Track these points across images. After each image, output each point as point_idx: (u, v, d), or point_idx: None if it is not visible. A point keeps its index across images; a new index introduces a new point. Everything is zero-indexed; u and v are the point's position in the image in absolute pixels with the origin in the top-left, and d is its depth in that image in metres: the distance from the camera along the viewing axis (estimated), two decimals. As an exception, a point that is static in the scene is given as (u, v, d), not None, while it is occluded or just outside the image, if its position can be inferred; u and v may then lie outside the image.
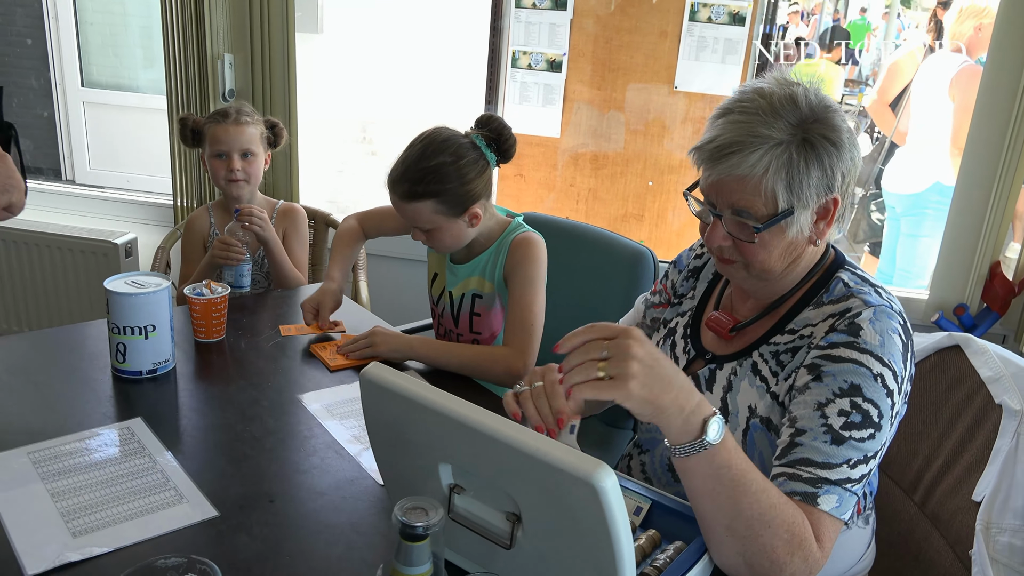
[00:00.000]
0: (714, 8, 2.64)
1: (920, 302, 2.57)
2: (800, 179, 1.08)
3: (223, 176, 2.17)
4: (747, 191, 1.09)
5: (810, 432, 1.07)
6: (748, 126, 1.08)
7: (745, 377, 1.20)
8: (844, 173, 1.12)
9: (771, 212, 1.10)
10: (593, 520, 0.81)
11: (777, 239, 1.13)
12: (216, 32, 2.60)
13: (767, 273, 1.17)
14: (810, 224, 1.14)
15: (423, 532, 0.82)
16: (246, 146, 2.16)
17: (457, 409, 0.90)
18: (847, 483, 1.05)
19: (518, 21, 2.82)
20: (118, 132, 4.98)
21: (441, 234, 1.69)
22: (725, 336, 1.25)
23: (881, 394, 1.07)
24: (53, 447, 1.27)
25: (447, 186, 1.63)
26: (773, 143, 1.07)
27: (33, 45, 5.09)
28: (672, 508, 1.09)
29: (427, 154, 1.63)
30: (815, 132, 1.09)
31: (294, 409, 1.46)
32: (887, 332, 1.10)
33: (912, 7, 14.17)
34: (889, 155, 3.57)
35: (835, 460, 1.05)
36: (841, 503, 1.04)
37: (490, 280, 1.79)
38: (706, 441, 0.96)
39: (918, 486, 1.47)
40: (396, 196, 1.66)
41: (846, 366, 1.08)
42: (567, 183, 2.95)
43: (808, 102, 1.10)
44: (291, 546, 1.09)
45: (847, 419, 1.06)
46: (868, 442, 1.06)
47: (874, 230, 3.76)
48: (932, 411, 1.50)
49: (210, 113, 2.23)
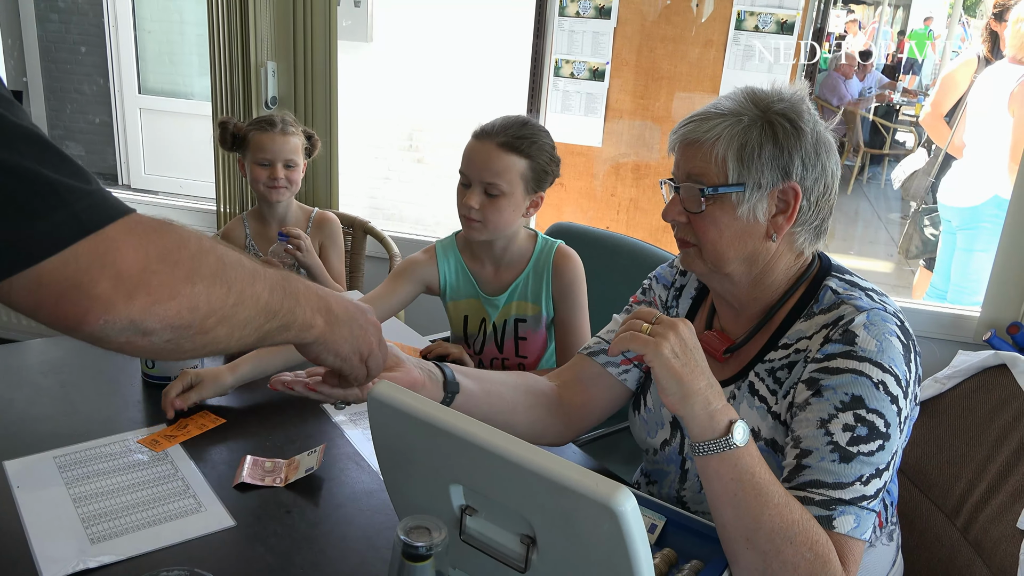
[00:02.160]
0: (761, 17, 2.59)
1: (972, 319, 2.48)
2: (751, 152, 1.09)
3: (264, 182, 2.20)
4: (700, 157, 1.11)
5: (816, 452, 1.03)
6: (719, 103, 1.13)
7: (744, 400, 1.16)
8: (804, 163, 1.10)
9: (721, 182, 1.11)
10: (612, 544, 0.79)
11: (727, 216, 1.11)
12: (260, 40, 2.64)
13: (719, 260, 1.14)
14: (765, 212, 1.12)
15: (425, 552, 0.80)
16: (290, 156, 2.20)
17: (468, 429, 0.88)
18: (862, 501, 1.01)
19: (561, 30, 2.80)
20: (172, 138, 5.11)
21: (505, 203, 1.62)
22: (719, 358, 1.21)
23: (885, 402, 1.03)
24: (79, 451, 1.29)
25: (540, 157, 1.64)
26: (734, 115, 1.11)
27: (87, 53, 5.24)
28: (688, 526, 1.06)
29: (529, 124, 1.65)
30: (776, 113, 1.11)
31: (318, 419, 1.45)
32: (884, 336, 1.06)
33: (977, 15, 13.82)
34: (944, 168, 3.46)
35: (846, 479, 1.01)
36: (859, 522, 1.01)
37: (535, 302, 1.75)
38: (731, 441, 0.97)
39: (960, 511, 1.41)
40: (492, 143, 1.61)
41: (845, 377, 1.04)
42: (608, 193, 2.91)
43: (779, 92, 1.13)
44: (304, 558, 1.08)
45: (852, 434, 1.02)
46: (878, 454, 1.02)
47: (928, 245, 3.65)
48: (976, 433, 1.44)
49: (254, 120, 2.26)
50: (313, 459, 1.27)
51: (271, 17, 2.65)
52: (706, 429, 0.98)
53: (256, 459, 1.29)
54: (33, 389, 1.48)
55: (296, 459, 1.29)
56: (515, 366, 1.80)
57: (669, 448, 1.26)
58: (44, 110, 5.44)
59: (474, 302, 1.81)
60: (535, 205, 1.68)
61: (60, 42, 5.26)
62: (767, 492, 0.97)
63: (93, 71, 5.25)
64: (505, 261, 1.76)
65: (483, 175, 1.62)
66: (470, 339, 1.85)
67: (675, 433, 1.25)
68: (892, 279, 5.47)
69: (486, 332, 1.81)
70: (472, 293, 1.80)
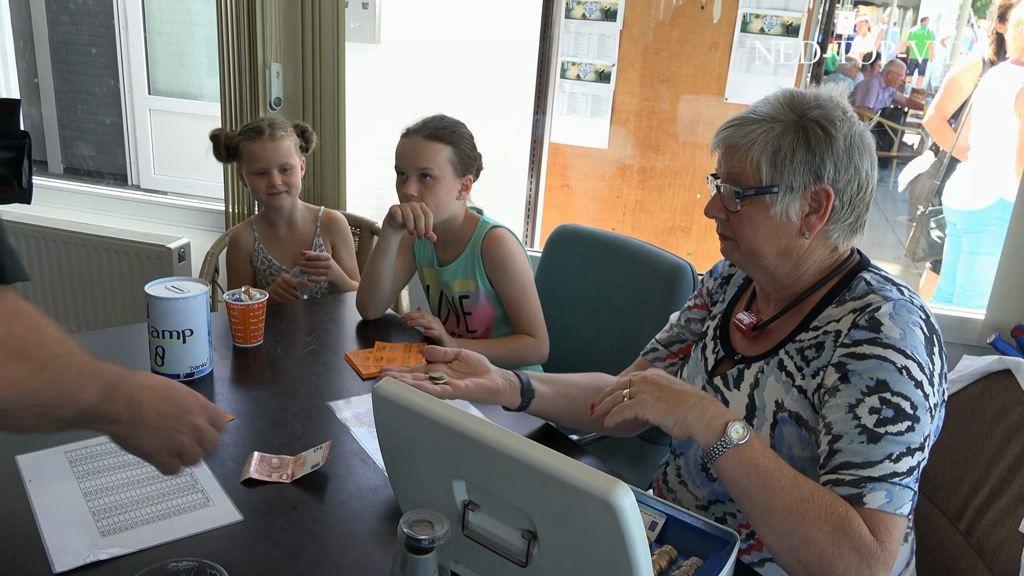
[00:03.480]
0: (767, 19, 2.60)
1: (976, 322, 2.48)
2: (784, 157, 1.15)
3: (264, 191, 2.19)
4: (737, 160, 1.19)
5: (846, 436, 1.08)
6: (758, 107, 1.20)
7: (772, 374, 1.22)
8: (836, 166, 1.16)
9: (756, 184, 1.17)
10: (610, 539, 0.80)
11: (762, 216, 1.18)
12: (268, 41, 2.66)
13: (755, 255, 1.22)
14: (798, 211, 1.18)
15: (428, 545, 0.82)
16: (284, 160, 2.19)
17: (471, 426, 0.89)
18: (893, 477, 1.05)
19: (568, 32, 2.82)
20: (182, 139, 5.13)
21: (439, 187, 1.83)
22: (748, 335, 1.29)
23: (909, 386, 1.08)
24: (90, 447, 1.31)
25: (461, 144, 1.86)
26: (770, 120, 1.17)
27: (98, 54, 5.28)
28: (688, 523, 1.07)
29: (447, 117, 1.89)
30: (809, 118, 1.16)
31: (324, 416, 1.47)
32: (908, 325, 1.10)
33: (987, 17, 13.76)
34: (949, 171, 3.46)
35: (875, 457, 1.05)
36: (892, 498, 1.04)
37: (473, 279, 1.94)
38: (728, 439, 1.07)
39: (963, 514, 1.42)
40: (417, 137, 1.84)
41: (870, 363, 1.09)
42: (614, 194, 2.93)
43: (816, 97, 1.18)
44: (309, 552, 1.10)
45: (879, 416, 1.07)
46: (908, 434, 1.06)
47: (934, 248, 3.64)
48: (980, 437, 1.45)
49: (242, 129, 2.24)
50: (319, 455, 1.28)
51: (280, 19, 2.67)
52: (708, 436, 1.09)
53: (263, 455, 1.31)
54: (44, 386, 1.50)
55: (303, 455, 1.31)
56: (469, 340, 1.95)
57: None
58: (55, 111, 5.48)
59: (432, 272, 2.00)
60: (466, 188, 1.90)
61: (71, 43, 5.30)
62: (773, 477, 1.05)
63: (103, 72, 5.29)
64: (450, 240, 1.95)
65: (416, 163, 1.83)
66: (434, 308, 2.05)
67: None
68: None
69: (445, 303, 2.01)
70: (431, 263, 2.01)
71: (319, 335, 1.86)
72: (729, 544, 1.03)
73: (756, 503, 1.06)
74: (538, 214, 3.02)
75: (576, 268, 2.10)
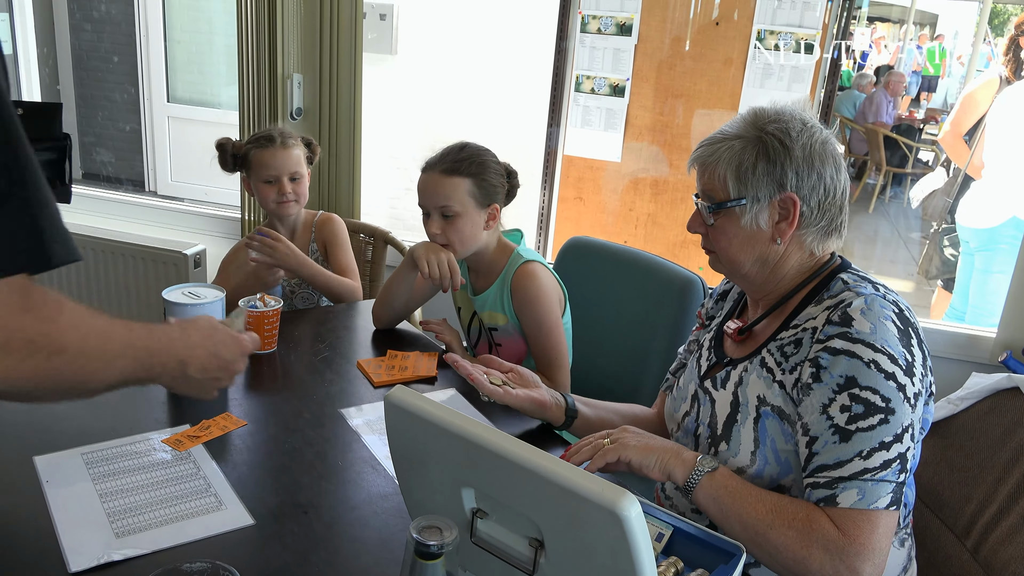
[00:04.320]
0: (782, 35, 2.61)
1: (988, 340, 2.48)
2: (747, 170, 1.22)
3: (273, 200, 2.19)
4: (708, 176, 1.27)
5: (820, 438, 1.13)
6: (726, 127, 1.28)
7: (754, 371, 1.27)
8: (798, 174, 1.22)
9: (724, 198, 1.25)
10: (617, 549, 0.81)
11: (733, 227, 1.26)
12: (287, 52, 2.69)
13: (734, 264, 1.29)
14: (768, 220, 1.24)
15: (437, 551, 0.83)
16: (294, 169, 2.18)
17: (480, 434, 0.91)
18: (864, 474, 1.10)
19: (583, 46, 2.84)
20: (199, 146, 5.18)
21: (462, 222, 1.77)
22: (736, 339, 1.36)
23: (879, 379, 1.11)
24: (106, 449, 1.33)
25: (484, 174, 1.78)
26: (733, 138, 1.25)
27: (119, 62, 5.34)
28: (694, 535, 1.08)
29: (467, 147, 1.82)
30: (767, 132, 1.23)
31: (335, 423, 1.49)
32: (879, 320, 1.14)
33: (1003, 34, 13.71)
34: (963, 188, 3.45)
35: (846, 456, 1.11)
36: (864, 494, 1.09)
37: (502, 313, 1.87)
38: (701, 468, 1.19)
39: (971, 532, 1.42)
40: (436, 172, 1.78)
41: (840, 359, 1.14)
42: (626, 208, 2.94)
43: (777, 112, 1.26)
44: (320, 557, 1.11)
45: (850, 413, 1.11)
46: (880, 427, 1.10)
47: (947, 266, 3.63)
48: (987, 455, 1.45)
49: (252, 137, 2.23)
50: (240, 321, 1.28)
51: (298, 29, 2.70)
52: (684, 470, 1.20)
53: None
54: (62, 388, 1.52)
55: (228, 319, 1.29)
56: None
57: (688, 419, 1.39)
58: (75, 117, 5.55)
59: (465, 296, 1.96)
60: (492, 218, 1.82)
61: (93, 51, 5.37)
62: (740, 497, 1.16)
63: (124, 80, 5.35)
64: (481, 270, 1.90)
65: (435, 200, 1.78)
66: (464, 331, 2.00)
67: (693, 404, 1.39)
68: (911, 299, 5.43)
69: (478, 327, 1.95)
70: (464, 286, 1.94)
71: (332, 342, 1.88)
72: (735, 556, 1.03)
73: (732, 521, 1.15)
74: (551, 226, 3.04)
75: (588, 280, 2.11)
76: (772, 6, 2.60)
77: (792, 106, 1.27)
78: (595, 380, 1.98)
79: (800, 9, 2.58)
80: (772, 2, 2.60)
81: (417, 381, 1.70)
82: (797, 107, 1.27)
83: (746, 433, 1.25)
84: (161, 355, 1.03)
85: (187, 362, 1.06)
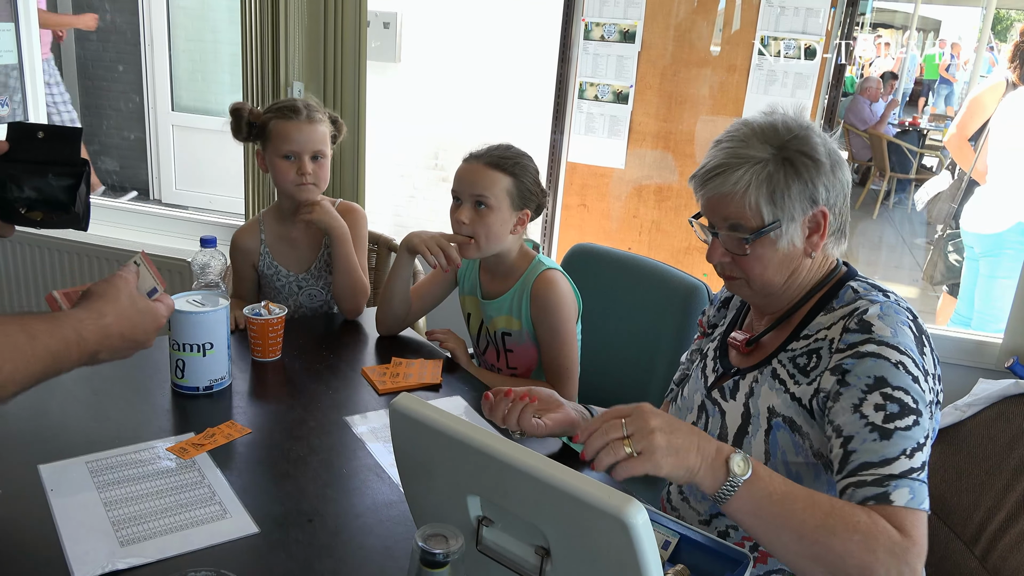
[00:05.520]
0: (785, 42, 2.61)
1: (995, 346, 2.47)
2: (782, 192, 1.18)
3: (292, 180, 1.96)
4: (733, 207, 1.20)
5: (858, 436, 1.09)
6: (733, 150, 1.20)
7: (765, 382, 1.25)
8: (827, 186, 1.20)
9: (759, 224, 1.20)
10: (623, 556, 0.80)
11: (770, 251, 1.22)
12: (291, 60, 2.70)
13: (768, 286, 1.25)
14: (801, 236, 1.22)
15: (443, 559, 0.82)
16: (318, 147, 1.96)
17: (486, 442, 0.90)
18: (912, 473, 1.06)
19: (586, 53, 2.84)
20: (203, 154, 5.20)
21: (493, 217, 1.75)
22: (743, 350, 1.33)
23: (907, 380, 1.10)
24: (110, 457, 1.33)
25: (524, 177, 1.77)
26: (754, 162, 1.19)
27: (124, 71, 5.36)
28: (701, 543, 1.08)
29: (513, 148, 1.80)
30: (792, 149, 1.19)
31: (340, 430, 1.48)
32: (897, 324, 1.13)
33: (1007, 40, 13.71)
34: (968, 192, 3.44)
35: (892, 454, 1.06)
36: (915, 493, 1.05)
37: (517, 318, 1.85)
38: (734, 477, 1.02)
39: (979, 539, 1.41)
40: (479, 163, 1.76)
41: (866, 361, 1.11)
42: (630, 214, 2.94)
43: (787, 126, 1.21)
44: (325, 565, 1.11)
45: (885, 412, 1.08)
46: (915, 429, 1.08)
47: (952, 271, 3.62)
48: (995, 462, 1.44)
49: (273, 106, 2.01)
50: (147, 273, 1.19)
51: (302, 38, 2.71)
52: (713, 479, 1.03)
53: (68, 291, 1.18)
54: (67, 397, 1.53)
55: None
56: (508, 376, 1.91)
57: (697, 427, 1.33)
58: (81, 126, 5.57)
59: (475, 301, 1.93)
60: (522, 223, 1.81)
61: (98, 60, 5.40)
62: (789, 502, 1.03)
63: (129, 89, 5.37)
64: (499, 273, 1.88)
65: (473, 189, 1.75)
66: (472, 337, 1.98)
67: (700, 415, 1.36)
68: (916, 304, 5.36)
69: (486, 334, 1.93)
70: (474, 291, 1.92)
71: (336, 350, 1.87)
72: (742, 564, 1.03)
73: (781, 535, 1.02)
74: (555, 233, 3.04)
75: (592, 288, 2.11)
76: (775, 12, 2.60)
77: (793, 115, 1.23)
78: (600, 387, 1.98)
79: (803, 16, 2.58)
80: (775, 8, 2.60)
81: (422, 389, 1.70)
82: (798, 114, 1.24)
83: (757, 445, 1.22)
84: (69, 356, 0.99)
85: (98, 351, 1.03)
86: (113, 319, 1.04)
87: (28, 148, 1.13)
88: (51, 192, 1.13)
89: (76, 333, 1.00)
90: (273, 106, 2.00)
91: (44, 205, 1.14)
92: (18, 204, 1.13)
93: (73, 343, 0.99)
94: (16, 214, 1.14)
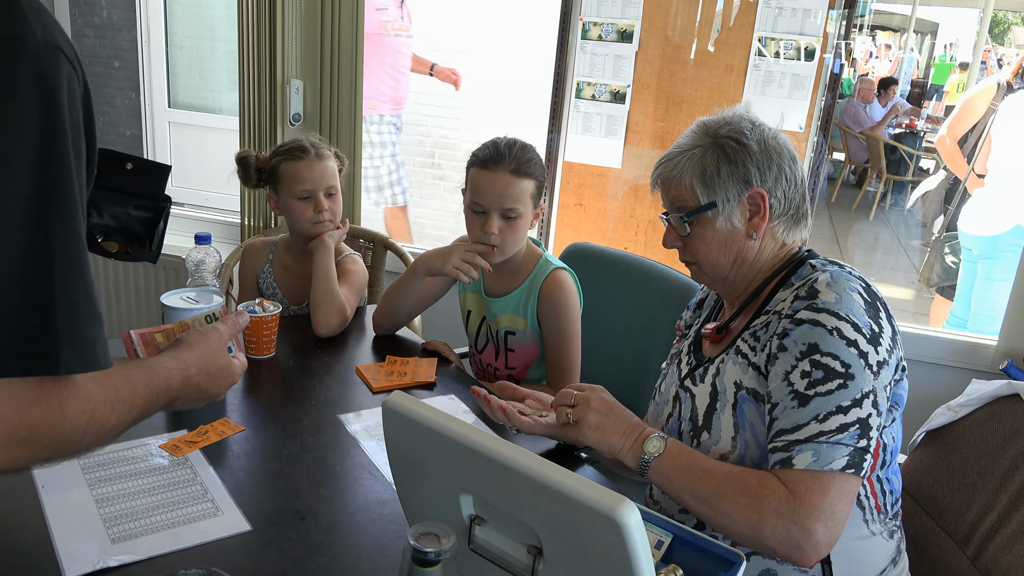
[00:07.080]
0: (783, 43, 2.61)
1: (989, 348, 2.47)
2: (711, 174, 1.28)
3: (310, 219, 1.97)
4: (674, 190, 1.32)
5: (781, 404, 1.17)
6: (679, 143, 1.34)
7: (730, 360, 1.31)
8: (760, 169, 1.27)
9: (696, 205, 1.29)
10: (615, 556, 0.80)
11: (710, 232, 1.30)
12: (288, 57, 2.69)
13: (715, 268, 1.33)
14: (741, 218, 1.29)
15: (435, 558, 0.82)
16: (330, 182, 1.98)
17: (479, 440, 0.90)
18: (819, 436, 1.12)
19: (583, 52, 2.84)
20: (200, 151, 5.19)
21: (520, 224, 1.74)
22: (714, 337, 1.39)
23: (840, 345, 1.14)
24: (102, 454, 1.32)
25: (541, 175, 1.77)
26: (689, 149, 1.30)
27: (121, 68, 5.35)
28: (694, 543, 1.08)
29: (527, 146, 1.76)
30: (722, 136, 1.29)
31: (334, 429, 1.48)
32: (844, 291, 1.18)
33: (1005, 43, 13.74)
34: (954, 189, 3.45)
35: (802, 420, 1.13)
36: (819, 455, 1.11)
37: (523, 317, 1.83)
38: (647, 455, 1.23)
39: (971, 539, 1.41)
40: (505, 172, 1.69)
41: (803, 328, 1.17)
42: (626, 214, 2.94)
43: (726, 120, 1.31)
44: (317, 564, 1.11)
45: (809, 379, 1.14)
46: (839, 392, 1.13)
47: (948, 273, 3.63)
48: (988, 462, 1.44)
49: (280, 149, 2.03)
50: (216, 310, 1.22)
51: (300, 35, 2.70)
52: (633, 459, 1.25)
53: (144, 333, 1.24)
54: (59, 393, 1.52)
55: (188, 321, 1.27)
56: (505, 376, 1.90)
57: (671, 419, 1.42)
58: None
59: (478, 299, 1.91)
60: (537, 217, 1.80)
61: (95, 57, 5.38)
62: (690, 473, 1.19)
63: (126, 85, 5.36)
64: (506, 272, 1.85)
65: (503, 203, 1.70)
66: (471, 335, 1.97)
67: (675, 405, 1.41)
68: (912, 306, 5.43)
69: (487, 333, 1.91)
70: (478, 289, 1.90)
71: (330, 348, 1.87)
72: (735, 564, 1.03)
73: (687, 497, 1.18)
74: (551, 232, 3.03)
75: (588, 286, 2.10)
76: (773, 13, 2.60)
77: (736, 110, 1.33)
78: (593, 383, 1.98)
79: (801, 17, 2.58)
80: (773, 9, 2.60)
81: (416, 387, 1.70)
82: (740, 110, 1.33)
83: (726, 420, 1.27)
84: (156, 404, 1.00)
85: (175, 399, 1.05)
86: (196, 371, 1.07)
87: (114, 177, 1.12)
88: (129, 223, 1.13)
89: (166, 383, 1.01)
90: (280, 149, 2.02)
91: (120, 235, 1.14)
92: (95, 231, 1.12)
93: (162, 392, 1.00)
94: (93, 242, 1.12)
